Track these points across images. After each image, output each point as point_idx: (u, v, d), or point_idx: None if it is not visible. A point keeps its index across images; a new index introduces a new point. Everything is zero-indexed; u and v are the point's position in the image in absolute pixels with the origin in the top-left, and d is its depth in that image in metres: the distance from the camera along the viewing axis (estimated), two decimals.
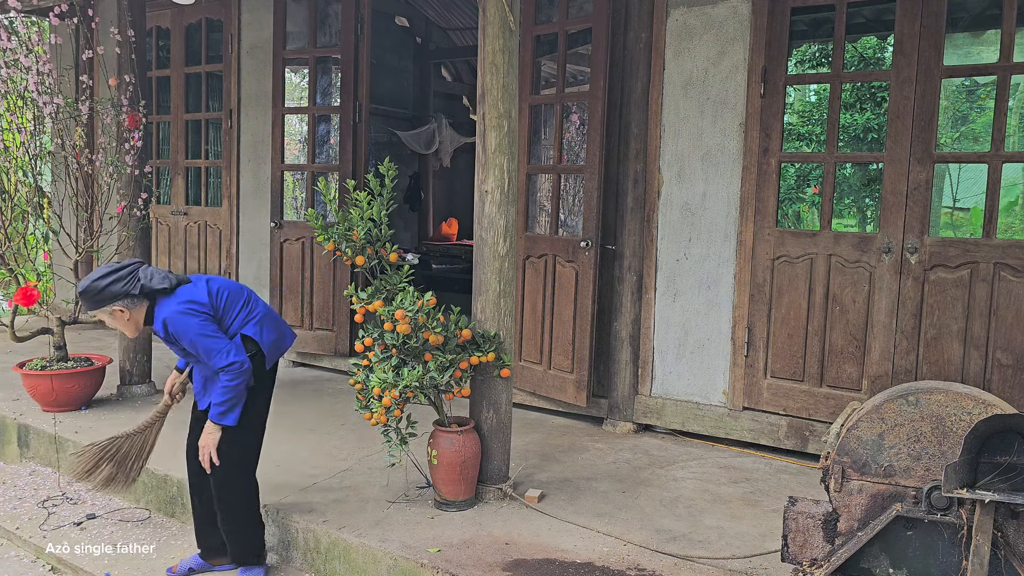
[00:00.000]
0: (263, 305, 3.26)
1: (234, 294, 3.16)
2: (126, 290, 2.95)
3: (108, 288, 2.94)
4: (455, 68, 10.43)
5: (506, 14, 3.37)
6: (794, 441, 4.21)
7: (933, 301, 3.87)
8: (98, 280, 2.95)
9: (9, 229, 4.81)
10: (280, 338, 3.25)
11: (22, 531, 3.77)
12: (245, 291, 3.23)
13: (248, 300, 3.19)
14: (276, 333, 3.22)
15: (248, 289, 3.27)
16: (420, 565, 3.00)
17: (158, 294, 3.02)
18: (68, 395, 4.78)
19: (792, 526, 2.52)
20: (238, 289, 3.20)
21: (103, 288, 2.94)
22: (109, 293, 2.94)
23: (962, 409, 2.31)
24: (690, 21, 4.35)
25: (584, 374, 4.59)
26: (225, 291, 3.13)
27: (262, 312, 3.20)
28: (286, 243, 5.95)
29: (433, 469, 3.46)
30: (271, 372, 3.26)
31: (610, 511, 3.49)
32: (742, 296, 4.29)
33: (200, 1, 6.37)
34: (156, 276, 3.01)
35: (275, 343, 3.21)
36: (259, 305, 3.23)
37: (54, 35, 5.12)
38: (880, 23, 5.64)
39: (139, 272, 3.01)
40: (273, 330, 3.21)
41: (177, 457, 4.05)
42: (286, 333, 3.31)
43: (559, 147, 4.77)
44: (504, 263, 3.53)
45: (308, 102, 6.06)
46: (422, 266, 8.64)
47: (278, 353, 3.25)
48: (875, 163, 9.57)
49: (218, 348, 2.96)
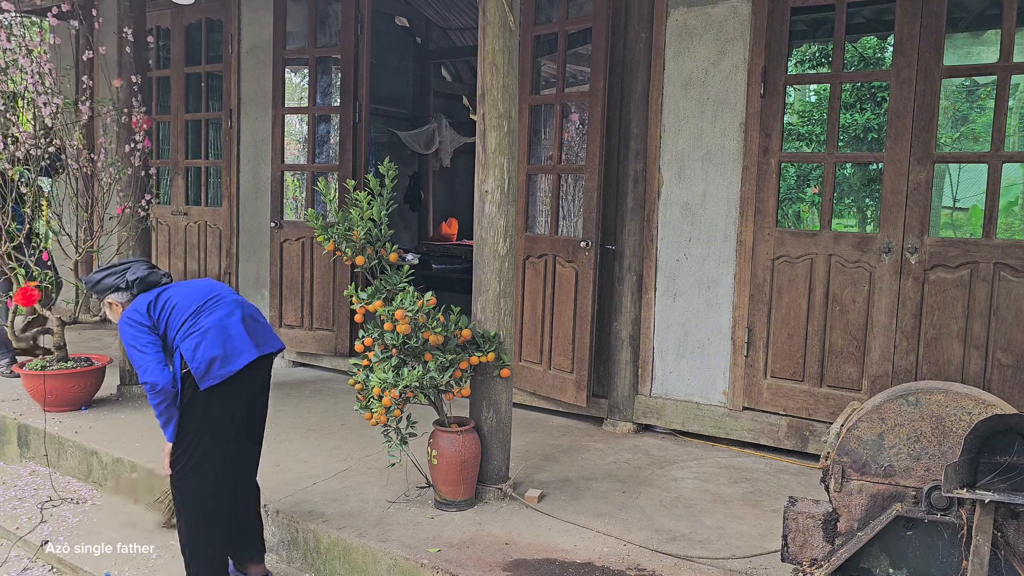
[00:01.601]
0: (219, 318, 2.95)
1: (184, 304, 2.98)
2: (116, 284, 3.10)
3: (102, 280, 3.13)
4: (455, 68, 10.43)
5: (506, 14, 3.37)
6: (794, 441, 4.21)
7: (933, 301, 3.87)
8: (97, 273, 3.18)
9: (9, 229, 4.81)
10: (226, 356, 2.90)
11: (22, 531, 3.77)
12: (207, 299, 3.01)
13: (199, 310, 2.96)
14: (220, 350, 2.89)
15: (217, 296, 3.04)
16: (420, 565, 3.00)
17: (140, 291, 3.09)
18: (68, 395, 4.78)
19: (792, 526, 2.52)
20: (197, 297, 3.01)
21: (98, 280, 3.14)
22: (103, 285, 3.12)
23: (962, 409, 2.31)
24: (690, 21, 4.35)
25: (584, 374, 4.59)
26: (174, 301, 2.99)
27: (208, 326, 2.92)
28: (286, 243, 5.95)
29: (433, 469, 3.46)
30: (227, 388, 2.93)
31: (610, 511, 3.49)
32: (742, 296, 4.29)
33: (200, 1, 6.37)
34: (139, 273, 3.11)
35: (215, 360, 2.88)
36: (212, 317, 2.95)
37: (53, 35, 5.12)
38: (880, 23, 5.63)
39: (132, 267, 3.14)
40: (216, 346, 2.89)
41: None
42: (241, 350, 2.93)
43: (559, 147, 4.77)
44: (504, 263, 3.53)
45: (308, 102, 6.06)
46: (422, 266, 8.64)
47: (222, 372, 2.89)
48: (875, 163, 9.56)
49: (140, 364, 2.88)
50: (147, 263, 3.21)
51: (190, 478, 2.98)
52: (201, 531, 3.01)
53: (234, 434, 3.03)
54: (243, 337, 2.96)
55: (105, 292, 3.11)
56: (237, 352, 2.93)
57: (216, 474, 2.99)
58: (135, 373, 5.19)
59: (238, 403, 3.01)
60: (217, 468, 2.99)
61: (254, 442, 3.19)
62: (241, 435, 3.07)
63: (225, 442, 3.00)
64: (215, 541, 3.03)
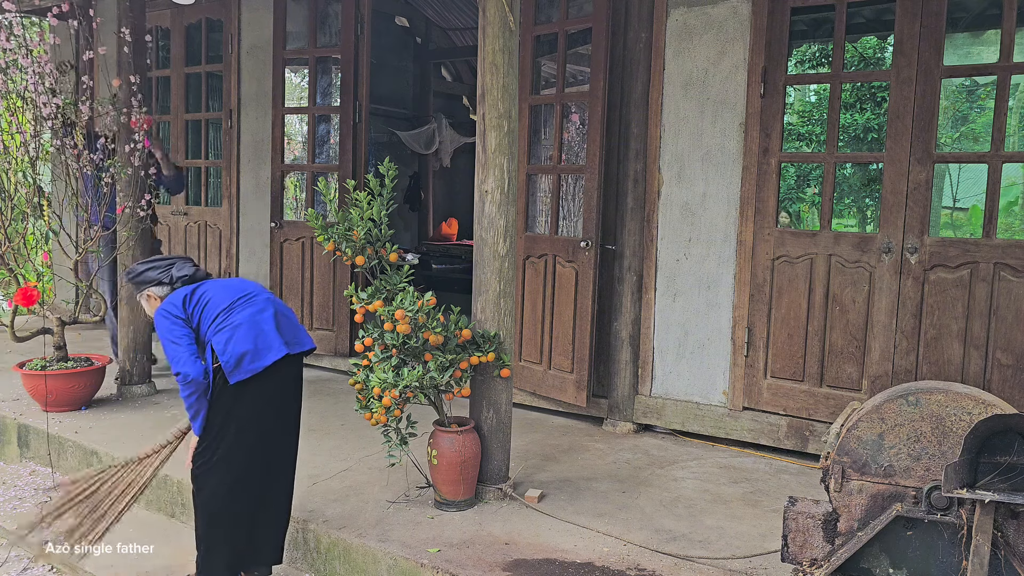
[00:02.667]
0: (251, 314, 2.98)
1: (218, 299, 3.00)
2: (158, 278, 3.15)
3: (145, 273, 3.17)
4: (455, 68, 10.43)
5: (506, 14, 3.37)
6: (794, 441, 4.21)
7: (933, 301, 3.87)
8: (140, 264, 3.24)
9: (9, 229, 4.81)
10: (256, 351, 2.92)
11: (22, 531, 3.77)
12: (240, 296, 3.04)
13: (232, 306, 2.99)
14: (251, 345, 2.91)
15: (251, 294, 3.07)
16: (420, 565, 3.00)
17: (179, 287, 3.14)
18: (68, 395, 4.78)
19: (792, 526, 2.52)
20: (231, 294, 3.04)
21: (141, 272, 3.18)
22: (145, 278, 3.17)
23: (962, 409, 2.31)
24: (690, 21, 4.35)
25: (584, 374, 4.59)
26: (209, 296, 3.02)
27: (240, 322, 2.95)
28: (286, 243, 5.95)
29: (433, 469, 3.46)
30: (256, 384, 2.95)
31: (610, 511, 3.49)
32: (742, 296, 4.29)
33: (200, 1, 6.37)
34: (185, 270, 3.16)
35: (245, 355, 2.90)
36: (244, 313, 2.97)
37: (53, 35, 5.12)
38: (880, 23, 5.64)
39: (176, 264, 3.19)
40: (248, 341, 2.91)
41: (174, 458, 4.05)
42: (272, 346, 2.95)
43: (559, 147, 4.77)
44: (504, 263, 3.53)
45: (308, 102, 6.07)
46: (422, 266, 8.65)
47: (252, 367, 2.91)
48: (875, 163, 9.57)
49: (173, 355, 2.91)
50: (191, 261, 3.25)
51: (211, 474, 2.98)
52: (217, 530, 3.00)
53: (262, 432, 3.02)
54: (274, 334, 2.98)
55: (146, 285, 3.16)
56: (268, 347, 2.95)
57: (237, 472, 2.99)
58: (135, 373, 5.20)
59: (268, 401, 3.02)
60: (240, 466, 2.99)
61: (287, 443, 3.15)
62: (271, 434, 3.06)
63: (251, 440, 2.99)
64: (230, 540, 3.02)
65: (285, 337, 3.02)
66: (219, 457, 2.97)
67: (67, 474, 4.40)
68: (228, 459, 2.98)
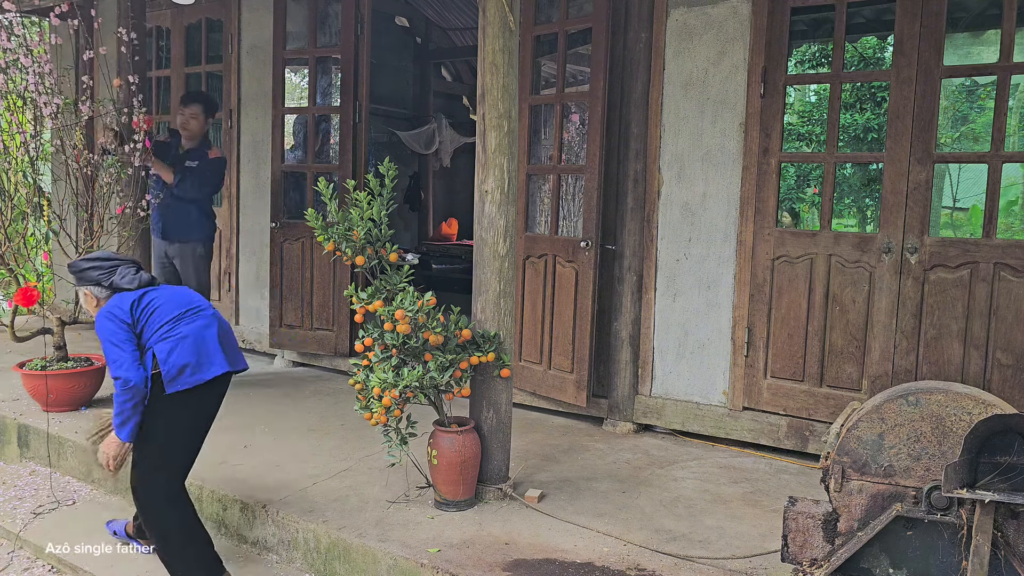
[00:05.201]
0: (197, 328, 3.04)
1: (166, 309, 3.05)
2: (98, 279, 3.16)
3: (87, 271, 3.18)
4: (455, 68, 10.43)
5: (506, 14, 3.37)
6: (794, 441, 4.21)
7: (933, 301, 3.87)
8: (84, 261, 3.22)
9: (9, 229, 4.81)
10: (199, 365, 2.99)
11: (22, 531, 3.77)
12: (189, 309, 3.10)
13: (180, 317, 3.04)
14: (193, 358, 2.98)
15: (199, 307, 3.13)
16: (420, 565, 3.00)
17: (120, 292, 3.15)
18: (68, 395, 4.78)
19: (792, 526, 2.53)
20: (179, 305, 3.09)
21: (83, 269, 3.19)
22: (85, 276, 3.18)
23: (962, 409, 2.31)
24: (690, 21, 4.35)
25: (584, 374, 4.59)
26: (157, 304, 3.07)
27: (186, 333, 3.00)
28: (286, 243, 5.95)
29: (433, 469, 3.46)
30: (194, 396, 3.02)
31: (610, 511, 3.49)
32: (742, 296, 4.29)
33: (200, 1, 6.37)
34: (127, 277, 3.16)
35: (187, 367, 2.97)
36: (191, 326, 3.03)
37: (54, 35, 5.12)
38: (880, 23, 5.64)
39: (119, 269, 3.19)
40: (190, 354, 2.98)
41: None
42: (213, 362, 3.02)
43: (559, 147, 4.77)
44: (504, 263, 3.53)
45: (308, 102, 6.06)
46: (422, 266, 8.64)
47: (191, 379, 2.98)
48: (875, 163, 9.57)
49: (115, 359, 2.94)
50: (136, 267, 3.26)
51: (150, 481, 3.05)
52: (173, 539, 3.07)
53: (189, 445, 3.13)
54: (217, 350, 3.06)
55: (86, 283, 3.18)
56: (209, 362, 3.03)
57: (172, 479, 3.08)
58: None
59: (197, 415, 3.11)
60: (174, 473, 3.08)
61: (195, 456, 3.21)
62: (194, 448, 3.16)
63: (181, 451, 3.10)
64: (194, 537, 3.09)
65: (227, 355, 3.10)
66: (153, 465, 3.04)
67: (67, 474, 4.41)
68: (163, 466, 3.05)
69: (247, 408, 4.91)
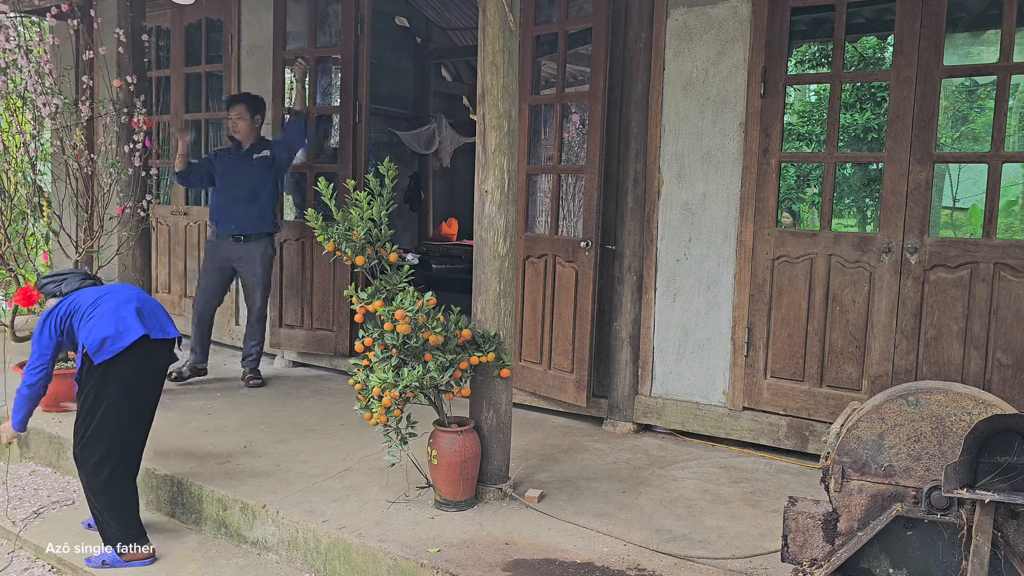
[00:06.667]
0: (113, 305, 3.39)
1: (88, 297, 3.43)
2: (53, 291, 3.59)
3: (45, 286, 3.63)
4: (455, 68, 10.43)
5: (506, 14, 3.37)
6: (794, 441, 4.21)
7: (933, 301, 3.87)
8: (44, 278, 3.69)
9: (9, 229, 4.81)
10: (117, 334, 3.31)
11: (22, 531, 3.77)
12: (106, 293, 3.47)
13: (97, 301, 3.40)
14: (112, 330, 3.31)
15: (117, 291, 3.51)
16: (420, 565, 3.00)
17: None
18: (68, 395, 4.78)
19: (792, 526, 2.53)
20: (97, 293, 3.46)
21: (43, 285, 3.64)
22: (46, 291, 3.63)
23: (962, 409, 2.31)
24: (690, 21, 4.35)
25: (584, 374, 4.59)
26: (83, 297, 3.44)
27: (103, 311, 3.36)
28: (286, 243, 5.95)
29: (433, 469, 3.46)
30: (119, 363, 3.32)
31: (610, 511, 3.49)
32: (742, 296, 4.29)
33: (200, 1, 6.36)
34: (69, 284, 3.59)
35: (107, 339, 3.29)
36: (107, 305, 3.39)
37: (53, 36, 5.12)
38: (880, 23, 5.64)
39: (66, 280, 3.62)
40: (109, 327, 3.31)
41: (178, 456, 4.06)
42: (129, 329, 3.33)
43: (559, 147, 4.77)
44: (504, 263, 3.53)
45: (308, 102, 6.06)
46: (422, 266, 8.64)
47: (112, 347, 3.30)
48: (875, 163, 9.57)
49: (34, 349, 3.42)
50: (81, 276, 3.68)
51: (90, 448, 3.37)
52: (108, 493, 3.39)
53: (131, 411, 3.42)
54: (134, 319, 3.37)
55: (47, 296, 3.63)
56: (126, 331, 3.34)
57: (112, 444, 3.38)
58: None
59: (132, 382, 3.39)
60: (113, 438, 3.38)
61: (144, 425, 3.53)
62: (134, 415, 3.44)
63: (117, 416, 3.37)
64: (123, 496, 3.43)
65: (145, 323, 3.40)
66: (94, 432, 3.36)
67: (67, 474, 4.40)
68: (101, 436, 3.36)
69: (247, 408, 4.92)
